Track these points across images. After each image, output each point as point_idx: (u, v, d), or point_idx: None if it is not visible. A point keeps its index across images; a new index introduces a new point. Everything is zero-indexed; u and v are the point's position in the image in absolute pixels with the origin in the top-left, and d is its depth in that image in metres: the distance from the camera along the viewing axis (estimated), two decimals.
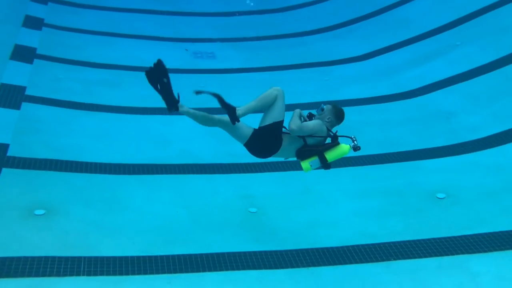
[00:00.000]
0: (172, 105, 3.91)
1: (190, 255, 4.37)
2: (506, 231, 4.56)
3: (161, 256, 4.33)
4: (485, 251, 4.37)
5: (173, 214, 4.95)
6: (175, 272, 4.19)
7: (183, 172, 5.74)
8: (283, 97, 3.87)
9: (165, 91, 3.90)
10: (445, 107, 7.05)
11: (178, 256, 4.35)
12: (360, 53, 9.09)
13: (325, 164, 3.93)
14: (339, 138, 3.96)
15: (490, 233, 4.56)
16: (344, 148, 3.92)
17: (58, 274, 4.07)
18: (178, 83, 9.16)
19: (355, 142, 3.90)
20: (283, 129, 3.90)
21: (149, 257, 4.32)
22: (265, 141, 3.86)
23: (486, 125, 6.35)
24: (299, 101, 7.70)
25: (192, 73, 8.77)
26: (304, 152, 3.90)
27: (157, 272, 4.17)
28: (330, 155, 3.91)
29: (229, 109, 3.78)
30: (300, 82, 8.47)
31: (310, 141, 3.91)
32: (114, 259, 4.26)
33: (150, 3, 11.63)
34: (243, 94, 8.08)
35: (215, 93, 3.84)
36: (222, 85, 8.43)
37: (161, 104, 8.17)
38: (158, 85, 3.89)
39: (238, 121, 3.79)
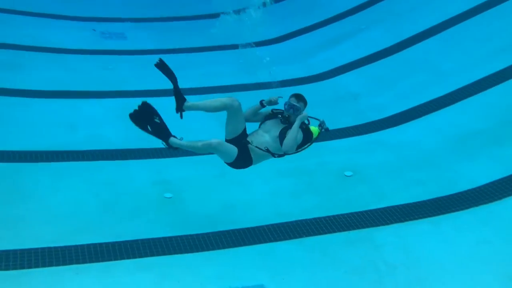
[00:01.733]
0: (167, 141, 3.82)
1: (100, 244, 4.24)
2: (406, 204, 4.94)
3: (68, 247, 4.16)
4: (387, 224, 4.71)
5: (82, 202, 4.77)
6: (84, 262, 4.05)
7: (92, 158, 5.52)
8: (238, 110, 3.88)
9: (158, 129, 3.81)
10: (353, 88, 7.41)
11: (88, 245, 4.21)
12: (272, 36, 9.23)
13: None
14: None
15: (391, 206, 4.91)
16: (315, 134, 4.11)
17: None
18: (85, 65, 8.77)
19: (323, 125, 4.11)
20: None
21: (55, 248, 4.13)
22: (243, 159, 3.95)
23: (389, 105, 6.78)
24: (216, 83, 7.69)
25: (101, 54, 8.38)
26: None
27: (64, 264, 4.01)
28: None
29: (179, 99, 3.79)
30: (215, 64, 8.44)
31: None
32: (14, 252, 4.02)
33: None
34: (156, 76, 7.92)
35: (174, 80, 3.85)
36: (134, 67, 8.16)
37: (66, 87, 7.79)
38: (148, 127, 3.79)
39: (183, 110, 3.80)
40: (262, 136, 4.01)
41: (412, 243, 4.48)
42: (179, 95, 3.85)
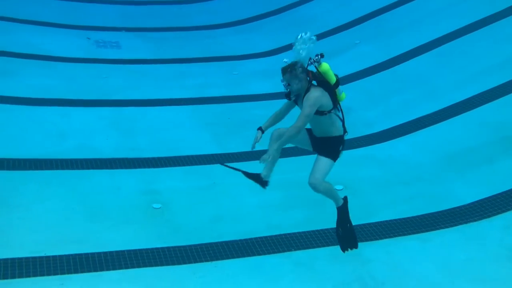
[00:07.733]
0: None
1: (86, 254, 4.20)
2: (394, 220, 4.94)
3: (54, 256, 4.12)
4: (375, 239, 4.70)
5: (69, 211, 4.72)
6: (69, 272, 4.01)
7: (81, 167, 5.48)
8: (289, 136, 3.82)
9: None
10: (345, 102, 7.41)
11: (73, 255, 4.17)
12: (266, 48, 9.28)
13: None
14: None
15: (380, 221, 4.91)
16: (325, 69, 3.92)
17: None
18: (78, 73, 8.76)
19: (317, 57, 3.82)
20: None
21: (40, 257, 4.09)
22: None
23: (380, 120, 6.81)
24: (208, 94, 7.71)
25: (95, 63, 8.39)
26: None
27: (49, 274, 3.96)
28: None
29: (255, 177, 3.90)
30: (208, 75, 8.46)
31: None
32: None
33: None
34: (149, 86, 7.95)
35: (237, 169, 3.89)
36: (128, 76, 8.18)
37: (58, 95, 7.76)
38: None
39: (268, 184, 3.95)
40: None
41: (400, 259, 4.46)
42: (253, 176, 3.94)
